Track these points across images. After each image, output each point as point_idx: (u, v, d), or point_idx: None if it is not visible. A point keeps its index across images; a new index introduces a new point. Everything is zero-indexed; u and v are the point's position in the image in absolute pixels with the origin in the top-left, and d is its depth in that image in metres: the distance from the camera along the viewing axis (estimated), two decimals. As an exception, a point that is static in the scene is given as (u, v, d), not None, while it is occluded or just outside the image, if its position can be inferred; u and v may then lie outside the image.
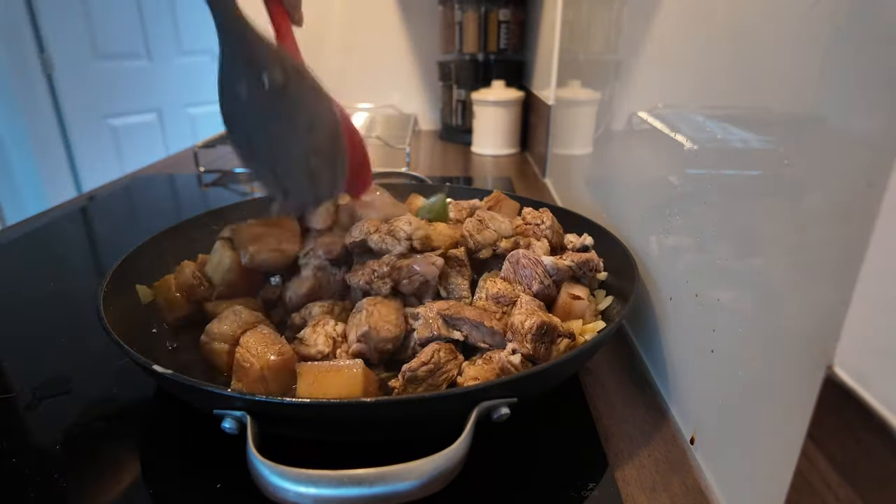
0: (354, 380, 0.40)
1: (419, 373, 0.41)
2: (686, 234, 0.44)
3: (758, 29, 0.34)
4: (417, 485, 0.30)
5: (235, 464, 0.39)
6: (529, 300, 0.46)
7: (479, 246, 0.53)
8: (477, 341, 0.44)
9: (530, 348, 0.42)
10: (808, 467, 0.26)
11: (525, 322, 0.43)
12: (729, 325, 0.37)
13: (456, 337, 0.44)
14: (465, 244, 0.53)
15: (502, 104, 1.30)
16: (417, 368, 0.41)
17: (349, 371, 0.40)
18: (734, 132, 0.37)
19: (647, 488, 0.39)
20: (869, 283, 0.23)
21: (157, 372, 0.36)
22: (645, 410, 0.47)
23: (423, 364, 0.41)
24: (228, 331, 0.46)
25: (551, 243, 0.57)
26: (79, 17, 2.39)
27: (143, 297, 0.53)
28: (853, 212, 0.24)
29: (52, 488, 0.38)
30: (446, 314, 0.45)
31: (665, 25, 0.49)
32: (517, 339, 0.43)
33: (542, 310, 0.45)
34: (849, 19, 0.26)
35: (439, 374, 0.41)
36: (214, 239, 0.56)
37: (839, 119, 0.26)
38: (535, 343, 0.42)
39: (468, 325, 0.44)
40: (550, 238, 0.58)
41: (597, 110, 0.73)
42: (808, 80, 0.29)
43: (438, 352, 0.42)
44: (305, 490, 0.30)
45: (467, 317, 0.44)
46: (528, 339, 0.42)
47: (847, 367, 0.24)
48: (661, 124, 0.50)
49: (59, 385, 0.49)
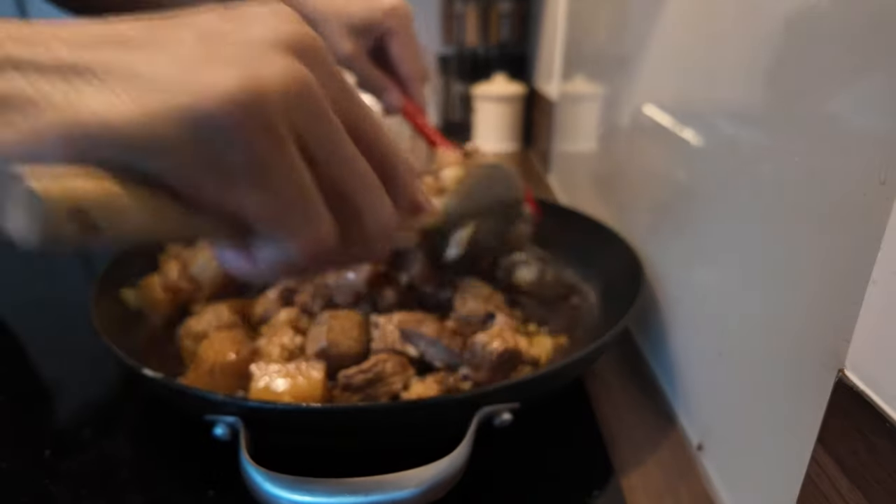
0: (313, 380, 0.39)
1: (354, 380, 0.39)
2: (694, 235, 0.43)
3: (768, 22, 0.33)
4: (416, 493, 0.29)
5: (229, 470, 0.38)
6: (505, 320, 0.44)
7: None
8: (433, 359, 0.42)
9: (485, 377, 0.40)
10: (818, 473, 0.26)
11: (488, 345, 0.40)
12: (737, 327, 0.36)
13: (411, 353, 0.42)
14: None
15: (504, 99, 1.29)
16: (353, 376, 0.39)
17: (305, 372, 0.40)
18: (743, 128, 0.36)
19: (653, 495, 0.38)
20: (881, 284, 0.23)
21: (146, 376, 0.35)
22: (651, 415, 0.46)
23: (362, 373, 0.39)
24: (204, 329, 0.46)
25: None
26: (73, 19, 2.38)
27: (129, 301, 0.52)
28: (865, 210, 0.24)
29: (42, 494, 0.37)
30: (405, 328, 0.43)
31: (673, 18, 0.48)
32: (474, 362, 0.41)
33: (512, 331, 0.43)
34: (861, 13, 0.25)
35: (380, 386, 0.40)
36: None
37: (851, 115, 0.26)
38: (492, 372, 0.40)
39: (425, 342, 0.42)
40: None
41: (602, 106, 0.72)
42: (820, 75, 0.28)
43: (385, 363, 0.40)
44: (300, 498, 0.29)
45: (424, 333, 0.42)
46: (486, 367, 0.40)
47: (858, 371, 0.24)
48: (667, 121, 0.49)
49: (50, 390, 0.49)
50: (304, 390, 0.39)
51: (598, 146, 0.75)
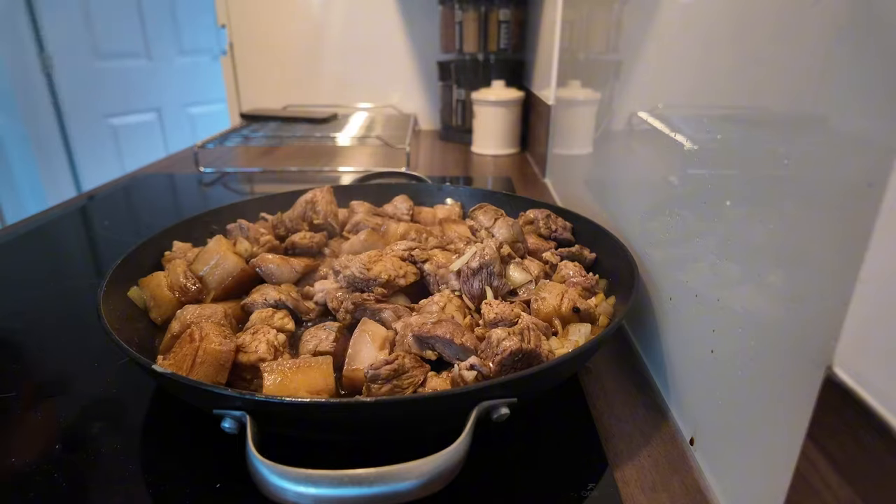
0: (325, 374, 0.40)
1: (381, 372, 0.40)
2: (686, 234, 0.44)
3: (758, 29, 0.34)
4: (417, 485, 0.30)
5: (235, 463, 0.39)
6: (530, 320, 0.44)
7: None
8: (451, 359, 0.43)
9: (493, 370, 0.40)
10: (807, 467, 0.26)
11: (503, 341, 0.40)
12: (729, 325, 0.37)
13: (428, 356, 0.43)
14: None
15: (502, 104, 1.30)
16: (380, 367, 0.40)
17: (318, 366, 0.40)
18: (734, 132, 0.37)
19: (646, 488, 0.39)
20: (869, 284, 0.23)
21: (156, 371, 0.36)
22: (645, 410, 0.47)
23: (387, 363, 0.40)
24: (195, 319, 0.46)
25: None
26: (79, 17, 2.39)
27: (137, 299, 0.52)
28: (853, 212, 0.24)
29: (52, 488, 0.38)
30: (418, 333, 0.44)
31: (665, 25, 0.49)
32: (485, 354, 0.41)
33: (536, 331, 0.43)
34: (849, 19, 0.26)
35: (405, 378, 0.41)
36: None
37: (839, 119, 0.26)
38: (501, 367, 0.40)
39: (441, 343, 0.43)
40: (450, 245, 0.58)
41: (597, 110, 0.73)
42: (809, 79, 0.29)
43: (403, 357, 0.41)
44: (305, 490, 0.29)
45: (438, 335, 0.43)
46: (497, 361, 0.40)
47: (847, 368, 0.24)
48: (661, 124, 0.50)
49: (58, 385, 0.49)
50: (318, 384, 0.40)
51: (593, 149, 0.76)
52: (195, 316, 0.47)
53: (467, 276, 0.51)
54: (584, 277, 0.54)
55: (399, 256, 0.53)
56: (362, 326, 0.45)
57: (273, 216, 0.68)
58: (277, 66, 1.61)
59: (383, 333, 0.45)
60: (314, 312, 0.52)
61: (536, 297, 0.49)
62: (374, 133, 1.30)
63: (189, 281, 0.52)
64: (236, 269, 0.54)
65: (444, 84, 1.48)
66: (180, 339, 0.43)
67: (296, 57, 1.60)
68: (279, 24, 1.56)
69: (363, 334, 0.45)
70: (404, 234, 0.61)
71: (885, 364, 0.22)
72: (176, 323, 0.47)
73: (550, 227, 0.64)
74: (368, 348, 0.44)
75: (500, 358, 0.40)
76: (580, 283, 0.53)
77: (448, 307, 0.48)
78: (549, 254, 0.59)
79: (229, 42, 1.60)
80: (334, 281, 0.53)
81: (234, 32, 1.58)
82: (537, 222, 0.65)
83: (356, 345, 0.44)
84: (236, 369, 0.42)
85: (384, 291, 0.50)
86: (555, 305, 0.48)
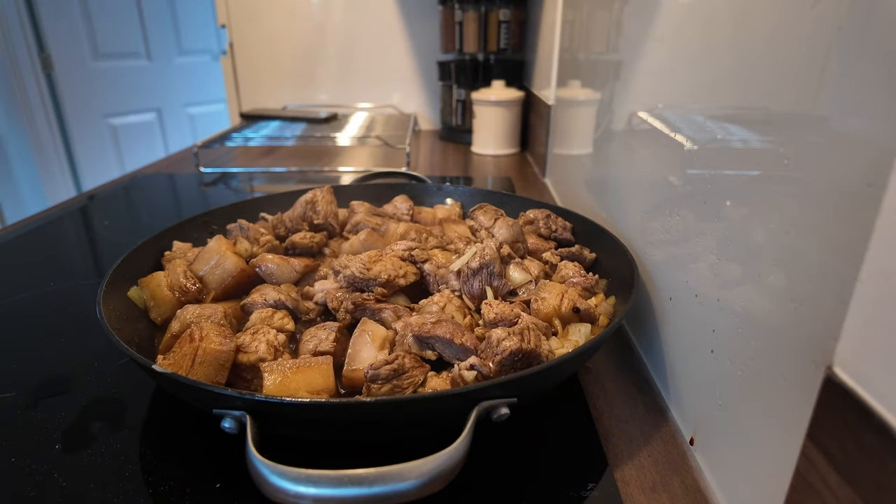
0: (325, 374, 0.40)
1: (381, 372, 0.40)
2: (686, 235, 0.44)
3: (758, 29, 0.34)
4: (417, 485, 0.30)
5: (235, 463, 0.39)
6: (530, 320, 0.44)
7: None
8: (451, 359, 0.43)
9: (493, 370, 0.40)
10: (807, 467, 0.26)
11: (503, 341, 0.40)
12: (729, 325, 0.37)
13: (429, 356, 0.43)
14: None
15: (502, 104, 1.30)
16: (380, 367, 0.40)
17: (318, 366, 0.40)
18: (734, 132, 0.37)
19: (646, 488, 0.39)
20: (869, 284, 0.23)
21: (156, 371, 0.36)
22: (645, 410, 0.47)
23: (387, 363, 0.40)
24: (195, 319, 0.46)
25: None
26: (79, 17, 2.39)
27: (137, 299, 0.52)
28: (853, 212, 0.24)
29: (51, 488, 0.38)
30: (418, 333, 0.44)
31: (665, 25, 0.49)
32: (485, 354, 0.41)
33: (536, 332, 0.43)
34: (849, 19, 0.26)
35: (405, 378, 0.41)
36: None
37: (839, 119, 0.26)
38: (501, 367, 0.40)
39: (440, 343, 0.43)
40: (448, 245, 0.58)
41: (597, 110, 0.73)
42: (809, 80, 0.29)
43: (403, 357, 0.41)
44: (305, 490, 0.29)
45: (438, 335, 0.43)
46: (497, 361, 0.40)
47: (847, 367, 0.24)
48: (661, 124, 0.50)
49: (58, 385, 0.49)
50: (318, 384, 0.40)
51: (593, 149, 0.76)
52: (195, 316, 0.47)
53: (467, 276, 0.51)
54: (584, 277, 0.54)
55: (399, 256, 0.53)
56: (362, 326, 0.46)
57: (273, 216, 0.68)
58: (277, 66, 1.61)
59: (383, 333, 0.45)
60: (314, 312, 0.52)
61: (536, 297, 0.49)
62: (374, 133, 1.30)
63: (189, 281, 0.52)
64: (236, 269, 0.54)
65: (444, 84, 1.48)
66: (180, 338, 0.43)
67: (296, 57, 1.60)
68: (279, 24, 1.56)
69: (363, 334, 0.45)
70: (404, 234, 0.61)
71: (885, 364, 0.22)
72: (176, 323, 0.47)
73: (550, 227, 0.64)
74: (368, 348, 0.44)
75: (500, 358, 0.40)
76: (580, 283, 0.53)
77: (448, 307, 0.48)
78: (549, 254, 0.59)
79: (229, 42, 1.60)
80: (334, 281, 0.53)
81: (234, 32, 1.58)
82: (537, 222, 0.65)
83: (356, 345, 0.44)
84: (236, 369, 0.42)
85: (384, 291, 0.50)
86: (555, 305, 0.48)
